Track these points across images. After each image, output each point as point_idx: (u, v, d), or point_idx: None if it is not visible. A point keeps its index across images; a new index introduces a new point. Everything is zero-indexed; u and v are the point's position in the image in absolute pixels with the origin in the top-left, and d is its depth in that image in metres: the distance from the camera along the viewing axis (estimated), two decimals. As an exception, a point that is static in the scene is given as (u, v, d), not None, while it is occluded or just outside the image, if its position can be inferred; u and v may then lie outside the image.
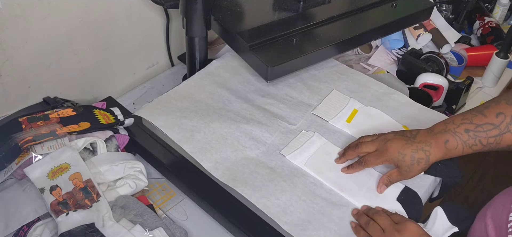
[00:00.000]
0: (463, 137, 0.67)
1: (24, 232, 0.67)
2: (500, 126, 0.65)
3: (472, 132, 0.66)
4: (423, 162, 0.69)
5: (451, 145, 0.68)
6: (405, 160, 0.70)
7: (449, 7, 1.31)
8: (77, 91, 0.97)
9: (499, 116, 0.65)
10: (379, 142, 0.73)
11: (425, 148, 0.69)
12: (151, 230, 0.68)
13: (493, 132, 0.65)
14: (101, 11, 0.92)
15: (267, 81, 0.84)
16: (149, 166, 0.84)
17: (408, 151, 0.69)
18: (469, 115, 0.68)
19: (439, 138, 0.69)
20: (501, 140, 0.65)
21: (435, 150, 0.69)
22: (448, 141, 0.68)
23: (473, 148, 0.67)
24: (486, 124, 0.66)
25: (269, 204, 0.71)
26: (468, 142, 0.67)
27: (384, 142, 0.72)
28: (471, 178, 1.97)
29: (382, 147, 0.72)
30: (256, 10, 0.94)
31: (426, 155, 0.69)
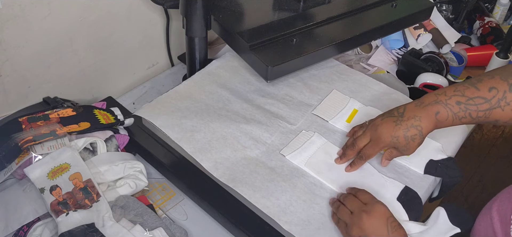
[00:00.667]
0: (454, 109, 0.67)
1: (24, 232, 0.67)
2: (491, 100, 0.64)
3: (463, 105, 0.66)
4: (417, 138, 0.69)
5: (442, 117, 0.67)
6: (400, 141, 0.70)
7: (449, 7, 1.31)
8: (77, 91, 0.97)
9: (492, 91, 0.64)
10: (371, 131, 0.73)
11: (415, 123, 0.69)
12: (151, 230, 0.68)
13: (484, 106, 0.65)
14: (101, 11, 0.92)
15: (267, 81, 0.84)
16: (149, 166, 0.84)
17: (400, 132, 0.69)
18: (462, 87, 0.67)
19: (429, 110, 0.68)
20: (490, 114, 0.65)
21: (425, 123, 0.68)
22: (439, 112, 0.68)
23: (462, 120, 0.67)
24: (478, 98, 0.65)
25: (269, 204, 0.71)
26: (458, 114, 0.67)
27: (375, 130, 0.72)
28: (471, 178, 1.97)
29: (374, 135, 0.73)
30: (256, 10, 0.94)
31: (418, 130, 0.69)
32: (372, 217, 0.64)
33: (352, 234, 0.65)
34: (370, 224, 0.64)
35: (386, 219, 0.64)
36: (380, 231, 0.63)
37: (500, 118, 0.65)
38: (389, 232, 0.63)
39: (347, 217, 0.67)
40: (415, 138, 0.69)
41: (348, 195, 0.71)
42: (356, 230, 0.64)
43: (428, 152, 0.80)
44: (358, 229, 0.64)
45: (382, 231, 0.63)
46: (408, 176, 0.77)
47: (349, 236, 0.65)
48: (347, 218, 0.66)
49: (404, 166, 0.79)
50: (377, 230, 0.63)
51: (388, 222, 0.64)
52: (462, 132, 0.87)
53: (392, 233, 0.63)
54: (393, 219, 0.65)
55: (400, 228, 0.64)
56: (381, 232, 0.63)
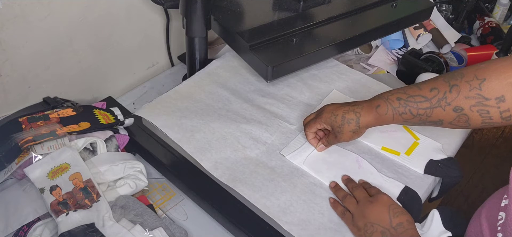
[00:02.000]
0: (394, 104, 0.69)
1: (24, 232, 0.67)
2: (432, 100, 0.66)
3: (403, 101, 0.69)
4: (353, 123, 0.73)
5: (382, 110, 0.70)
6: (337, 120, 0.74)
7: (449, 7, 1.31)
8: (77, 91, 0.97)
9: (433, 91, 0.66)
10: (318, 110, 0.79)
11: (356, 109, 0.73)
12: (151, 230, 0.68)
13: (424, 104, 0.67)
14: (101, 11, 0.92)
15: (267, 81, 0.84)
16: (149, 166, 0.84)
17: (340, 111, 0.74)
18: (406, 87, 0.71)
19: (372, 103, 0.72)
20: (431, 113, 0.67)
21: (365, 113, 0.72)
22: (379, 106, 0.71)
23: (403, 116, 0.69)
24: (418, 96, 0.68)
25: (269, 204, 0.71)
26: (398, 109, 0.69)
27: (322, 108, 0.77)
28: (471, 178, 1.97)
29: (319, 112, 0.78)
30: (256, 10, 0.94)
31: (356, 116, 0.73)
32: (375, 206, 0.67)
33: (358, 224, 0.67)
34: (373, 212, 0.67)
35: (388, 207, 0.67)
36: (382, 217, 0.66)
37: (443, 118, 0.67)
38: (391, 218, 0.65)
39: (353, 207, 0.70)
40: (351, 122, 0.73)
41: (357, 185, 0.73)
42: (361, 219, 0.67)
43: (428, 152, 0.81)
44: (363, 218, 0.67)
45: (385, 217, 0.66)
46: (408, 176, 0.77)
47: (355, 226, 0.67)
48: (353, 208, 0.69)
49: (404, 166, 0.79)
50: (379, 216, 0.66)
51: (390, 209, 0.67)
52: (462, 132, 0.87)
53: (394, 218, 0.65)
54: (396, 206, 0.67)
55: (403, 214, 0.66)
56: (384, 218, 0.66)
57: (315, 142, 0.80)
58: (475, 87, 0.62)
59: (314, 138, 0.80)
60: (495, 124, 0.65)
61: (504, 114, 0.62)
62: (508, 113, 0.62)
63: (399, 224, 0.65)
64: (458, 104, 0.64)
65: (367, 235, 0.66)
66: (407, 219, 0.66)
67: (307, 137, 0.80)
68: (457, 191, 1.90)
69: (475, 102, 0.63)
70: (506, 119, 0.63)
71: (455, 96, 0.64)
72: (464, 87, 0.64)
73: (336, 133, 0.75)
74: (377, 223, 0.66)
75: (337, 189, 0.74)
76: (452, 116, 0.66)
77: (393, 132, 0.84)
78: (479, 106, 0.63)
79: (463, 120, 0.65)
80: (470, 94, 0.63)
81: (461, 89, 0.64)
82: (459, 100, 0.64)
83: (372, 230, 0.65)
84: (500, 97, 0.61)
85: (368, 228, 0.66)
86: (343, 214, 0.70)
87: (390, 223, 0.65)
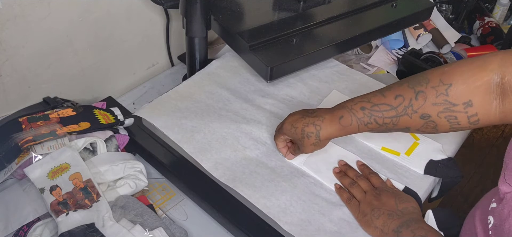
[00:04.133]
0: (358, 115, 0.67)
1: (24, 232, 0.67)
2: (397, 108, 0.64)
3: (367, 111, 0.66)
4: (313, 137, 0.70)
5: (346, 122, 0.68)
6: (297, 133, 0.71)
7: (449, 7, 1.31)
8: (77, 91, 0.97)
9: (398, 98, 0.64)
10: (283, 120, 0.76)
11: (317, 123, 0.70)
12: (151, 230, 0.68)
13: (390, 113, 0.65)
14: (101, 11, 0.92)
15: (267, 81, 0.84)
16: (149, 166, 0.84)
17: (299, 124, 0.71)
18: (370, 95, 0.68)
19: (334, 114, 0.69)
20: (398, 121, 0.65)
21: (327, 125, 0.69)
22: (342, 117, 0.68)
23: (369, 126, 0.67)
24: (383, 104, 0.65)
25: (269, 204, 0.71)
26: (363, 120, 0.67)
27: (286, 118, 0.75)
28: (471, 178, 1.97)
29: (282, 122, 0.75)
30: (256, 10, 0.94)
31: (316, 129, 0.70)
32: (382, 196, 0.70)
33: (365, 210, 0.69)
34: (380, 200, 0.69)
35: (395, 196, 0.70)
36: (389, 203, 0.69)
37: (410, 125, 0.65)
38: (398, 204, 0.68)
39: (360, 195, 0.72)
40: (311, 137, 0.70)
41: (361, 176, 0.75)
42: (368, 206, 0.69)
43: (428, 152, 0.81)
44: (369, 205, 0.69)
45: (391, 203, 0.69)
46: (408, 176, 0.77)
47: (360, 213, 0.70)
48: (361, 196, 0.71)
49: (404, 166, 0.79)
50: (386, 203, 0.69)
51: (397, 197, 0.70)
52: (462, 132, 0.87)
53: (400, 204, 0.68)
54: (401, 194, 0.71)
55: (408, 201, 0.69)
56: (390, 203, 0.69)
57: (285, 152, 0.79)
58: (442, 93, 0.61)
59: (283, 147, 0.78)
60: (463, 129, 0.64)
61: (472, 119, 0.61)
62: (476, 118, 0.61)
63: (405, 208, 0.67)
64: (425, 111, 0.63)
65: (374, 219, 0.67)
66: (412, 205, 0.69)
67: (277, 147, 0.79)
68: (457, 191, 1.90)
69: (443, 109, 0.62)
70: (474, 124, 0.62)
71: (421, 103, 0.63)
72: (430, 94, 0.62)
73: (298, 145, 0.74)
74: (383, 207, 0.68)
75: (342, 175, 0.76)
76: (420, 123, 0.64)
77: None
78: (446, 112, 0.62)
79: (431, 127, 0.64)
80: (437, 100, 0.62)
81: (428, 95, 0.62)
82: (426, 107, 0.62)
83: (379, 213, 0.67)
84: (467, 102, 0.60)
85: (375, 212, 0.68)
86: (349, 200, 0.72)
87: (396, 207, 0.68)
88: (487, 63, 0.59)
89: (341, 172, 0.77)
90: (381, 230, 0.66)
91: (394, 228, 0.65)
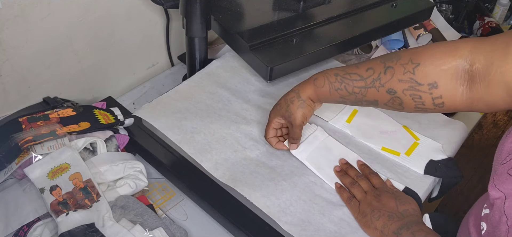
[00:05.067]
0: (331, 79, 0.70)
1: (24, 232, 0.67)
2: (367, 79, 0.67)
3: (340, 77, 0.70)
4: (295, 100, 0.74)
5: (319, 83, 0.72)
6: (281, 106, 0.76)
7: (449, 7, 1.31)
8: (77, 91, 0.97)
9: (369, 71, 0.67)
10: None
11: (295, 88, 0.75)
12: (151, 230, 0.68)
13: (359, 83, 0.68)
14: (101, 11, 0.92)
15: (267, 81, 0.84)
16: (149, 166, 0.84)
17: (281, 98, 0.77)
18: (347, 66, 0.73)
19: (310, 78, 0.74)
20: (366, 92, 0.67)
21: (304, 87, 0.74)
22: (317, 79, 0.72)
23: (339, 92, 0.70)
24: (355, 74, 0.68)
25: (269, 204, 0.71)
26: (334, 84, 0.70)
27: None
28: (471, 178, 1.97)
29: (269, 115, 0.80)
30: (256, 10, 0.94)
31: (296, 93, 0.75)
32: (383, 198, 0.70)
33: (365, 210, 0.70)
34: (381, 202, 0.70)
35: (395, 198, 0.70)
36: (389, 204, 0.69)
37: (378, 99, 0.67)
38: (398, 205, 0.69)
39: (361, 195, 0.72)
40: (293, 100, 0.74)
41: (362, 178, 0.75)
42: (368, 206, 0.70)
43: (428, 152, 0.81)
44: (370, 206, 0.70)
45: (392, 205, 0.69)
46: (408, 176, 0.77)
47: (360, 213, 0.70)
48: (361, 196, 0.72)
49: (404, 166, 0.79)
50: (387, 204, 0.69)
51: (397, 199, 0.70)
52: (462, 132, 0.87)
53: (400, 206, 0.69)
54: (402, 195, 0.71)
55: (408, 203, 0.70)
56: (391, 205, 0.69)
57: (274, 141, 0.80)
58: (409, 71, 0.62)
59: (278, 143, 0.80)
60: (429, 111, 0.65)
61: (436, 101, 0.62)
62: (440, 100, 0.62)
63: (405, 210, 0.68)
64: (391, 86, 0.64)
65: (374, 220, 0.68)
66: (412, 207, 0.69)
67: (271, 144, 0.80)
68: (457, 191, 1.90)
69: (408, 86, 0.63)
70: (439, 106, 0.63)
71: (389, 78, 0.64)
72: (398, 70, 0.64)
73: (288, 119, 0.76)
74: (384, 209, 0.68)
75: (343, 174, 0.76)
76: (386, 98, 0.66)
77: (393, 132, 0.85)
78: (411, 90, 0.63)
79: (397, 103, 0.66)
80: (403, 77, 0.63)
81: (395, 71, 0.64)
82: (392, 83, 0.64)
83: (379, 214, 0.68)
84: (432, 83, 0.61)
85: (375, 213, 0.68)
86: (349, 200, 0.72)
87: (397, 209, 0.68)
88: (458, 49, 0.60)
89: (342, 171, 0.77)
90: (381, 231, 0.66)
91: (395, 230, 0.65)
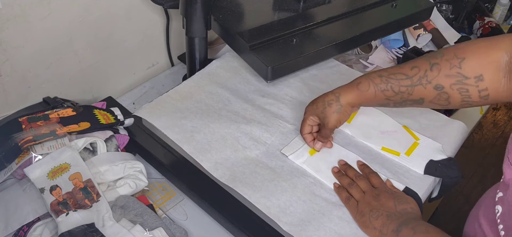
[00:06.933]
0: (375, 81, 0.70)
1: (24, 232, 0.67)
2: (413, 78, 0.67)
3: (384, 78, 0.70)
4: (334, 104, 0.74)
5: (363, 87, 0.72)
6: (318, 107, 0.76)
7: (449, 7, 1.31)
8: (77, 91, 0.97)
9: (414, 69, 0.68)
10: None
11: (336, 91, 0.75)
12: (151, 230, 0.68)
13: (406, 82, 0.68)
14: (101, 11, 0.92)
15: (267, 81, 0.84)
16: (149, 166, 0.84)
17: (319, 98, 0.76)
18: (387, 68, 0.72)
19: (352, 82, 0.74)
20: (412, 91, 0.68)
21: (345, 91, 0.74)
22: (360, 83, 0.72)
23: (385, 93, 0.70)
24: (400, 74, 0.69)
25: (269, 204, 0.71)
26: (380, 86, 0.70)
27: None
28: (471, 178, 1.97)
29: (304, 111, 0.80)
30: (256, 10, 0.94)
31: (336, 96, 0.74)
32: (381, 198, 0.70)
33: (363, 210, 0.70)
34: (379, 202, 0.70)
35: (394, 198, 0.70)
36: (388, 204, 0.69)
37: (424, 96, 0.68)
38: (396, 205, 0.69)
39: (359, 195, 0.72)
40: (332, 104, 0.74)
41: (360, 175, 0.75)
42: (367, 206, 0.70)
43: (428, 152, 0.81)
44: (368, 205, 0.70)
45: (390, 205, 0.69)
46: (408, 176, 0.77)
47: (359, 213, 0.70)
48: (359, 196, 0.72)
49: (404, 166, 0.79)
50: (385, 204, 0.69)
51: (396, 199, 0.70)
52: (462, 132, 0.87)
53: (399, 205, 0.69)
54: (400, 195, 0.72)
55: (407, 203, 0.70)
56: (389, 205, 0.69)
57: (309, 139, 0.81)
58: (455, 66, 0.64)
59: (311, 141, 0.81)
60: (474, 104, 0.66)
61: (482, 93, 0.63)
62: (486, 92, 0.63)
63: (404, 209, 0.68)
64: (438, 82, 0.65)
65: (372, 220, 0.68)
66: (411, 206, 0.69)
67: (306, 141, 0.81)
68: (457, 191, 1.90)
69: (455, 81, 0.64)
70: (484, 98, 0.64)
71: (435, 75, 0.65)
72: (444, 66, 0.65)
73: (322, 120, 0.76)
74: (382, 208, 0.68)
75: (341, 175, 0.76)
76: (433, 94, 0.67)
77: (393, 132, 0.84)
78: (459, 84, 0.64)
79: (444, 98, 0.66)
80: (450, 72, 0.64)
81: (442, 67, 0.65)
82: (439, 78, 0.65)
83: (378, 214, 0.68)
84: (478, 76, 0.62)
85: (374, 213, 0.68)
86: (348, 200, 0.72)
87: (396, 209, 0.68)
88: (498, 42, 0.62)
89: (340, 171, 0.77)
90: (379, 230, 0.66)
91: (394, 228, 0.65)
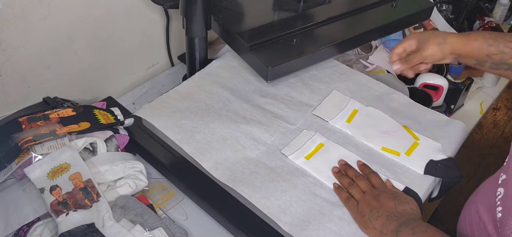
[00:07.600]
0: (485, 35, 0.75)
1: (24, 232, 0.67)
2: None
3: (494, 35, 0.74)
4: (439, 38, 0.79)
5: (472, 36, 0.76)
6: (424, 34, 0.81)
7: (449, 7, 1.31)
8: (77, 91, 0.97)
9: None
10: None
11: (444, 33, 0.79)
12: (151, 230, 0.68)
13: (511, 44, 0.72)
14: (101, 11, 0.92)
15: (267, 81, 0.84)
16: (149, 166, 0.84)
17: (428, 31, 0.81)
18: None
19: (462, 33, 0.79)
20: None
21: (453, 37, 0.78)
22: (470, 33, 0.77)
23: (490, 49, 0.74)
24: (508, 36, 0.74)
25: (269, 204, 0.71)
26: (488, 40, 0.74)
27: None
28: (471, 178, 1.97)
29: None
30: (256, 10, 0.94)
31: (443, 35, 0.79)
32: (381, 198, 0.70)
33: (364, 211, 0.69)
34: (379, 202, 0.69)
35: (394, 198, 0.70)
36: (388, 205, 0.69)
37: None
38: (396, 206, 0.69)
39: (359, 195, 0.72)
40: (438, 37, 0.79)
41: (360, 175, 0.75)
42: (367, 206, 0.69)
43: (428, 152, 0.80)
44: (368, 206, 0.69)
45: (390, 205, 0.69)
46: (408, 176, 0.77)
47: (359, 213, 0.70)
48: (359, 196, 0.72)
49: (404, 166, 0.79)
50: (385, 205, 0.69)
51: (396, 199, 0.70)
52: (462, 132, 0.87)
53: (399, 206, 0.68)
54: (400, 195, 0.71)
55: (407, 203, 0.69)
56: (389, 205, 0.69)
57: (397, 64, 0.85)
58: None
59: (396, 61, 0.85)
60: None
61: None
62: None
63: (404, 209, 0.68)
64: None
65: (372, 220, 0.68)
66: (411, 207, 0.69)
67: (391, 57, 0.85)
68: (457, 191, 1.89)
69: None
70: None
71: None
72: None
73: (420, 45, 0.80)
74: (382, 209, 0.68)
75: (341, 175, 0.76)
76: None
77: (393, 132, 0.85)
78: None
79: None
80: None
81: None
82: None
83: (378, 214, 0.68)
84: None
85: (374, 213, 0.68)
86: (348, 200, 0.72)
87: (395, 209, 0.68)
88: None
89: (340, 171, 0.77)
90: (379, 231, 0.66)
91: (394, 228, 0.65)
